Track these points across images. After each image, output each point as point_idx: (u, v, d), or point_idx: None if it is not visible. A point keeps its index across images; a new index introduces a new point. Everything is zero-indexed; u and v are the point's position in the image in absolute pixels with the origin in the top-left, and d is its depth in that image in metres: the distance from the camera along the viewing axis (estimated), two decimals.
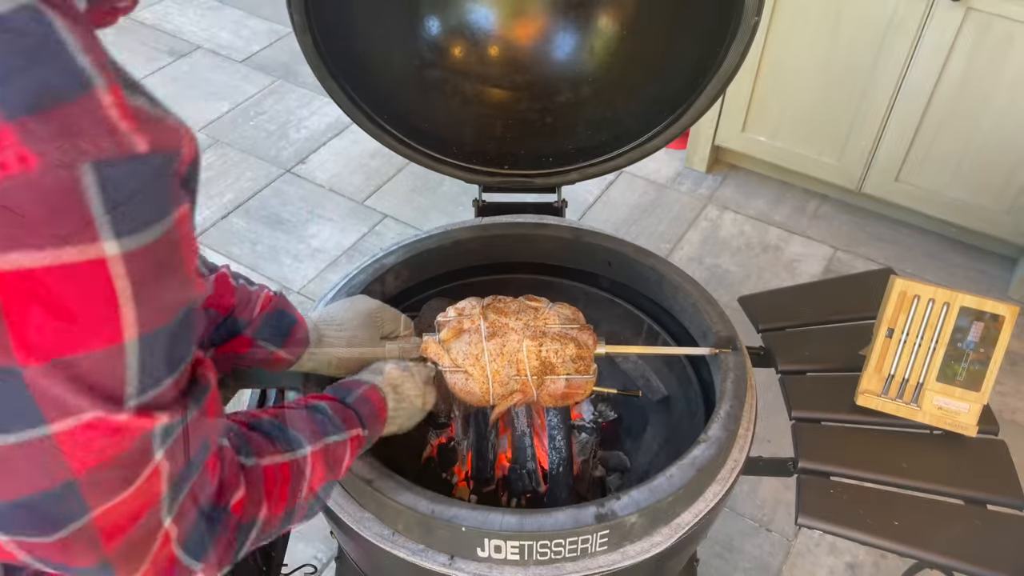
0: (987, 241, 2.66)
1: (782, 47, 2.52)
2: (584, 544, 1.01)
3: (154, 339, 0.52)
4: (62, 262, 0.45)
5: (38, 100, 0.43)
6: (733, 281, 2.60)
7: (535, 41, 1.40)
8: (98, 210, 0.45)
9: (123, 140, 0.45)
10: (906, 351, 1.25)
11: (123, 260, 0.47)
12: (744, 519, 2.02)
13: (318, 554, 1.95)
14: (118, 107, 0.45)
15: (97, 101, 0.45)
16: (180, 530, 0.61)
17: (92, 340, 0.48)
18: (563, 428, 1.41)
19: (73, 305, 0.47)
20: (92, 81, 0.45)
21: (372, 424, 0.95)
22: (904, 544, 1.16)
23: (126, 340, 0.50)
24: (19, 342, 0.46)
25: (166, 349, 0.54)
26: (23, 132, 0.42)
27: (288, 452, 0.78)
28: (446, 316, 1.16)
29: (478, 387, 1.13)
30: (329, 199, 2.87)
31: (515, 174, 1.45)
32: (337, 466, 0.87)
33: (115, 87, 0.46)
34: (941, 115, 2.40)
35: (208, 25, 3.70)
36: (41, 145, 0.42)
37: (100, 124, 0.44)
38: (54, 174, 0.43)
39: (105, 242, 0.46)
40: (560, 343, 1.13)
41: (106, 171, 0.45)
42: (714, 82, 1.27)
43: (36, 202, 0.43)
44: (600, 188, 2.93)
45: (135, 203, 0.47)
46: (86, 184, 0.44)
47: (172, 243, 0.51)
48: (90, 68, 0.45)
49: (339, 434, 0.88)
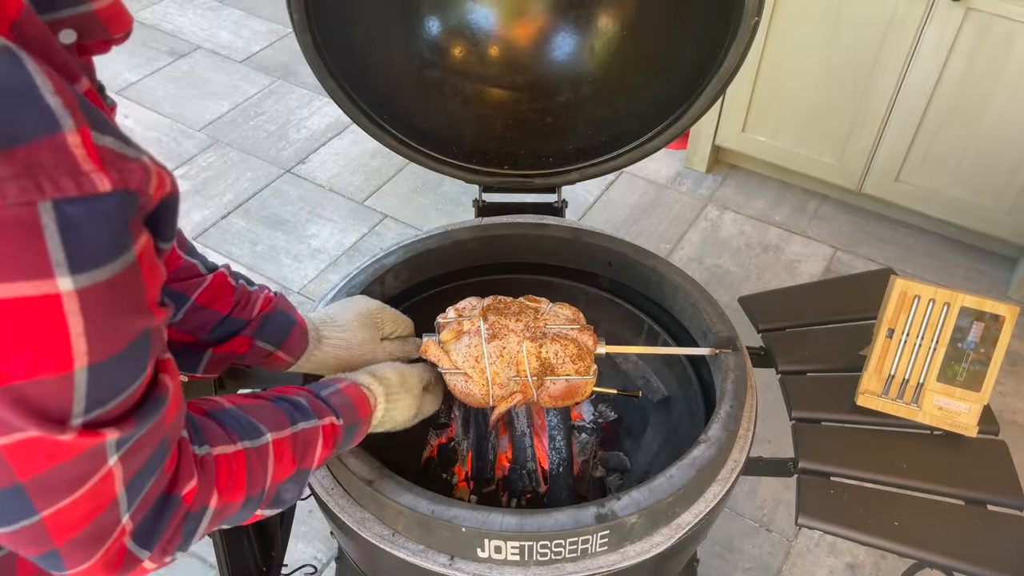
0: (987, 241, 2.66)
1: (782, 47, 2.52)
2: (584, 544, 1.01)
3: (104, 367, 0.53)
4: (16, 296, 0.46)
5: (3, 139, 0.44)
6: (733, 281, 2.60)
7: (535, 41, 1.40)
8: (55, 248, 0.46)
9: (85, 180, 0.46)
10: (906, 351, 1.25)
11: (77, 296, 0.48)
12: (744, 519, 2.02)
13: (318, 554, 1.95)
14: (84, 147, 0.47)
15: (63, 141, 0.46)
16: (135, 524, 0.64)
17: (40, 369, 0.49)
18: (563, 428, 1.41)
19: (24, 337, 0.48)
20: (60, 121, 0.46)
21: (349, 416, 0.93)
22: (904, 544, 1.16)
23: (75, 369, 0.51)
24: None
25: (116, 374, 0.55)
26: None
27: (245, 440, 0.78)
28: (446, 317, 1.16)
29: (478, 389, 1.13)
30: (329, 199, 2.88)
31: (515, 174, 1.45)
32: (309, 454, 0.85)
33: (83, 128, 0.47)
34: (941, 115, 2.40)
35: (208, 25, 3.70)
36: (3, 183, 0.43)
37: (63, 164, 0.45)
38: (13, 211, 0.44)
39: (60, 279, 0.47)
40: (560, 344, 1.13)
41: (65, 209, 0.46)
42: (714, 82, 1.27)
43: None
44: (600, 188, 2.93)
45: (93, 241, 0.48)
46: (44, 222, 0.45)
47: (130, 277, 0.52)
48: (59, 108, 0.46)
49: (308, 421, 0.86)
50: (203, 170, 2.98)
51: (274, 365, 1.08)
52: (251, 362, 1.07)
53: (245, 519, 0.80)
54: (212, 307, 1.00)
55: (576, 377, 1.14)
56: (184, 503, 0.68)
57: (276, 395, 0.89)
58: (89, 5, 0.56)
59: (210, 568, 1.90)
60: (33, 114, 0.45)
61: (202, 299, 0.99)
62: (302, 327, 1.08)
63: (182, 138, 3.10)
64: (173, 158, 3.02)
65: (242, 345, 1.03)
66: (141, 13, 3.75)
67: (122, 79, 3.36)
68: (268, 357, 1.06)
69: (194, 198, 2.86)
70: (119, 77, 3.36)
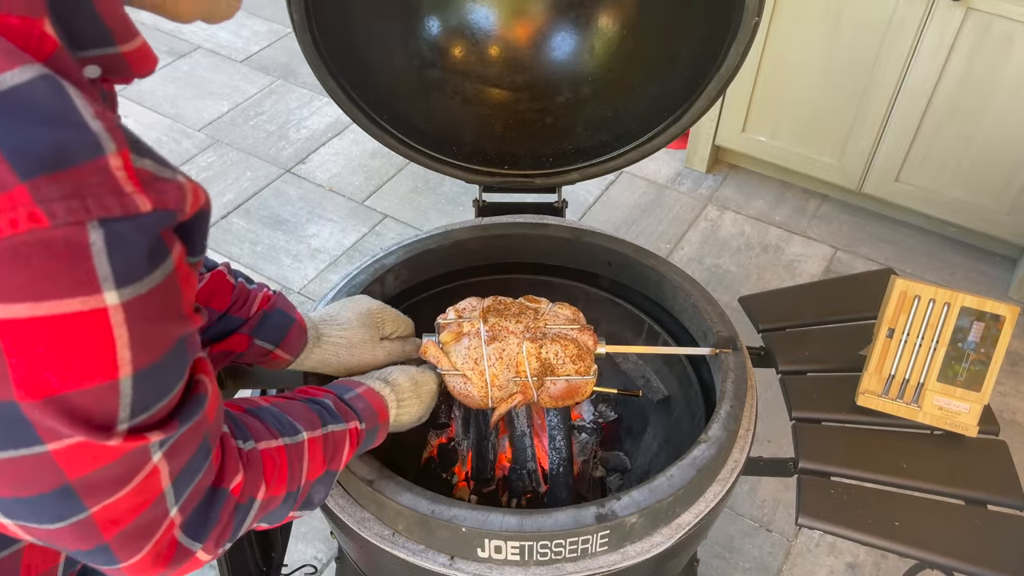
0: (987, 241, 2.66)
1: (782, 47, 2.52)
2: (584, 544, 1.01)
3: (147, 373, 0.55)
4: (65, 312, 0.48)
5: (52, 162, 0.46)
6: (733, 281, 2.60)
7: (535, 41, 1.40)
8: (101, 265, 0.48)
9: (128, 200, 0.49)
10: (906, 351, 1.25)
11: (123, 309, 0.50)
12: (744, 519, 2.02)
13: (318, 554, 1.95)
14: (125, 170, 0.49)
15: (105, 164, 0.48)
16: (184, 517, 0.65)
17: (87, 380, 0.51)
18: (563, 428, 1.41)
19: (72, 350, 0.50)
20: (103, 145, 0.48)
21: (370, 421, 0.96)
22: (904, 544, 1.16)
23: (120, 377, 0.53)
24: (19, 382, 0.49)
25: (159, 380, 0.57)
26: (35, 192, 0.45)
27: (285, 437, 0.81)
28: (446, 318, 1.16)
29: (476, 391, 1.13)
30: (329, 199, 2.87)
31: (515, 174, 1.45)
32: (337, 456, 0.88)
33: (124, 151, 0.49)
34: (941, 115, 2.40)
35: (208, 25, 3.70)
36: (51, 204, 0.46)
37: (107, 185, 0.48)
38: (63, 231, 0.46)
39: (107, 293, 0.49)
40: (560, 344, 1.13)
41: (111, 228, 0.48)
42: (714, 82, 1.27)
43: (44, 256, 0.46)
44: (600, 188, 2.93)
45: (136, 256, 0.50)
46: (92, 240, 0.47)
47: (168, 287, 0.54)
48: (101, 132, 0.48)
49: (337, 424, 0.89)
50: (203, 170, 2.98)
51: (273, 363, 1.08)
52: (250, 360, 1.07)
53: (281, 519, 0.83)
54: (210, 305, 1.00)
55: (576, 377, 1.14)
56: (233, 496, 0.71)
57: (304, 396, 0.92)
58: (118, 48, 0.58)
59: (210, 568, 1.90)
60: (77, 138, 0.47)
61: (200, 297, 1.00)
62: (301, 326, 1.08)
63: (182, 138, 3.10)
64: (173, 158, 3.02)
65: (240, 343, 1.04)
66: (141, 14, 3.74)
67: None
68: (267, 355, 1.06)
69: None
70: None
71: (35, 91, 0.47)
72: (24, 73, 0.47)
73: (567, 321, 1.17)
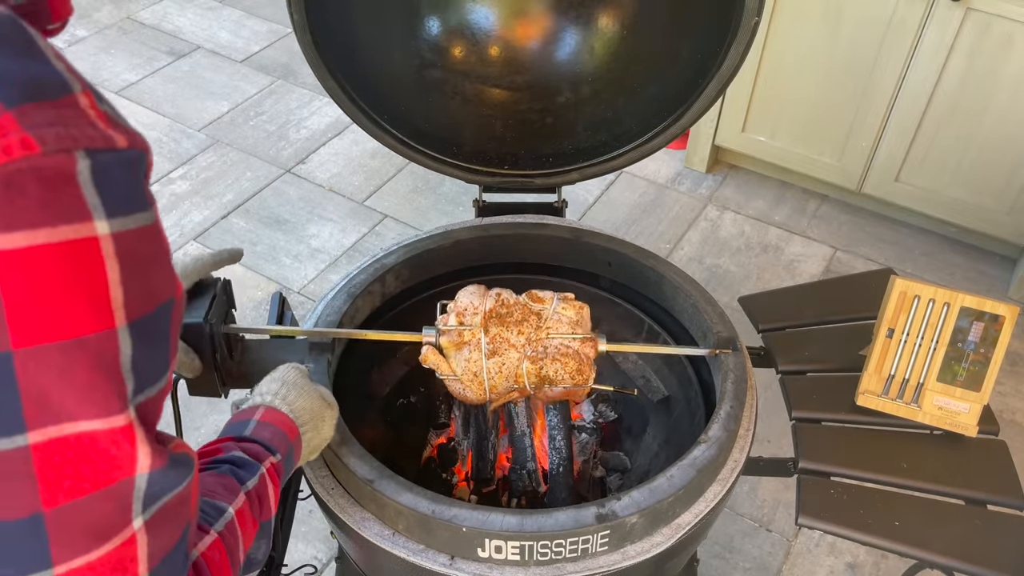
0: (987, 241, 2.66)
1: (782, 47, 2.52)
2: (585, 544, 1.01)
3: (144, 326, 0.52)
4: (58, 240, 0.47)
5: (33, 92, 0.46)
6: (733, 281, 2.60)
7: (535, 41, 1.40)
8: (90, 193, 0.48)
9: (106, 134, 0.49)
10: (906, 351, 1.25)
11: (112, 240, 0.49)
12: (744, 519, 2.02)
13: (318, 554, 1.95)
14: (93, 109, 0.49)
15: (75, 100, 0.48)
16: None
17: (85, 322, 0.49)
18: (563, 428, 1.41)
19: (67, 285, 0.48)
20: (69, 84, 0.48)
21: (283, 445, 0.88)
22: (904, 544, 1.17)
23: (117, 325, 0.50)
24: (14, 323, 0.47)
25: (152, 343, 0.54)
26: (22, 118, 0.45)
27: (216, 524, 0.73)
28: (446, 323, 1.16)
29: (474, 396, 1.15)
30: (329, 199, 2.87)
31: (515, 174, 1.45)
32: (265, 507, 0.80)
33: (87, 91, 0.49)
34: (941, 115, 2.40)
35: (208, 25, 3.70)
36: (41, 130, 0.45)
37: (83, 119, 0.48)
38: (53, 159, 0.46)
39: (97, 222, 0.48)
40: (560, 363, 1.14)
41: (97, 158, 0.48)
42: (714, 82, 1.27)
43: (37, 183, 0.45)
44: (600, 188, 2.93)
45: (122, 190, 0.50)
46: (80, 168, 0.47)
47: (156, 233, 0.53)
48: (65, 72, 0.48)
49: (253, 474, 0.80)
50: (203, 170, 2.98)
51: None
52: None
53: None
54: None
55: (573, 386, 1.16)
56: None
57: (208, 463, 0.81)
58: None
59: None
60: (48, 74, 0.47)
61: None
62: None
63: (182, 138, 3.10)
64: (173, 158, 3.02)
65: None
66: (141, 13, 3.75)
67: (122, 79, 3.36)
68: None
69: (194, 198, 2.86)
70: (119, 77, 3.36)
71: (3, 26, 0.47)
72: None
73: (570, 324, 1.17)
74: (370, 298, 1.33)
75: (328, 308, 1.26)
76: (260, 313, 2.46)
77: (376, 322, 1.38)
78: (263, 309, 2.48)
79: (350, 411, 1.15)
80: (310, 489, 1.14)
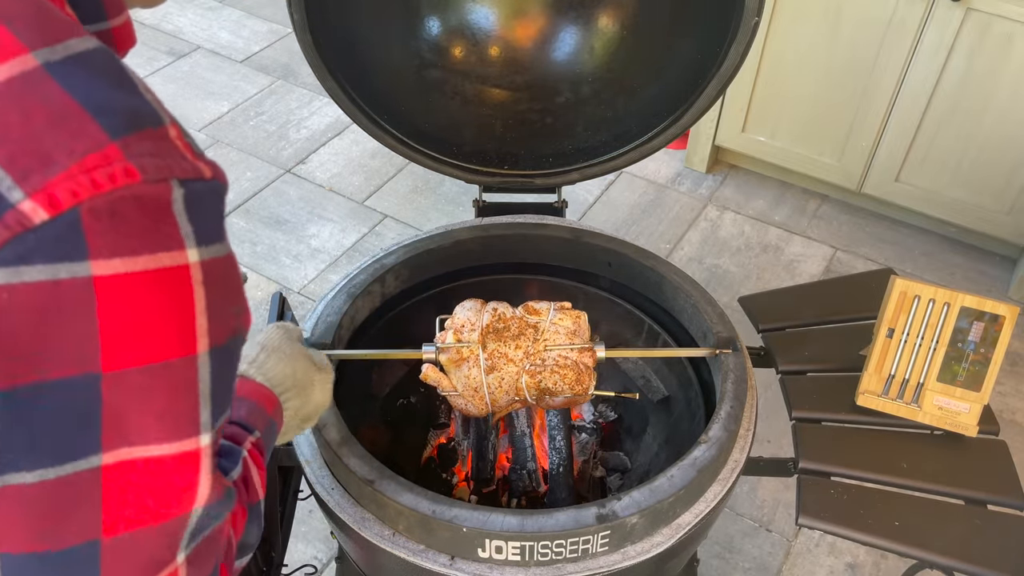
0: (987, 241, 2.66)
1: (782, 47, 2.52)
2: (585, 545, 1.01)
3: (221, 355, 0.53)
4: (155, 267, 0.48)
5: (132, 124, 0.48)
6: (733, 281, 2.60)
7: (535, 41, 1.40)
8: (184, 221, 0.49)
9: (195, 166, 0.50)
10: (906, 351, 1.25)
11: (201, 268, 0.50)
12: (744, 519, 2.02)
13: (318, 554, 1.95)
14: (180, 140, 0.51)
15: (167, 132, 0.50)
16: None
17: (172, 347, 0.50)
18: (563, 428, 1.41)
19: (159, 311, 0.49)
20: (160, 115, 0.50)
21: (259, 420, 0.84)
22: (904, 544, 1.16)
23: (199, 351, 0.51)
24: (107, 346, 0.48)
25: (229, 369, 0.55)
26: (126, 149, 0.46)
27: None
28: (444, 341, 1.16)
29: (476, 410, 1.16)
30: (329, 199, 2.87)
31: (515, 174, 1.45)
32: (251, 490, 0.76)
33: (174, 124, 0.51)
34: (941, 115, 2.40)
35: (208, 25, 3.70)
36: (142, 159, 0.47)
37: (175, 150, 0.49)
38: (153, 187, 0.47)
39: (189, 250, 0.49)
40: (559, 375, 1.14)
41: (190, 187, 0.49)
42: (714, 82, 1.27)
43: (138, 211, 0.47)
44: (600, 188, 2.93)
45: (210, 220, 0.51)
46: (175, 197, 0.48)
47: (234, 264, 0.55)
48: (155, 103, 0.50)
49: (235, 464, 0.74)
50: None
51: None
52: None
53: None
54: None
55: (573, 396, 1.16)
56: None
57: None
58: (108, 23, 0.59)
59: None
60: (142, 105, 0.49)
61: None
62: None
63: None
64: None
65: None
66: (141, 13, 3.74)
67: None
68: None
69: None
70: None
71: (100, 59, 0.49)
72: (88, 42, 0.49)
73: (567, 334, 1.17)
74: (370, 298, 1.33)
75: (328, 308, 1.26)
76: (260, 313, 2.46)
77: (376, 323, 1.38)
78: (263, 309, 2.48)
79: (350, 411, 1.15)
80: (310, 489, 1.14)
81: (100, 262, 0.46)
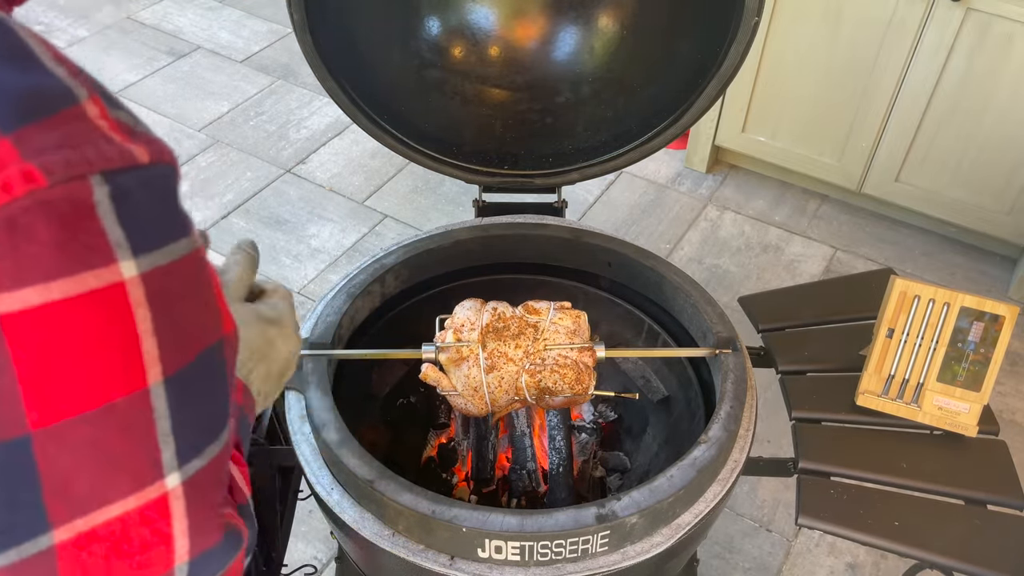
0: (987, 241, 2.66)
1: (782, 47, 2.52)
2: (585, 545, 1.01)
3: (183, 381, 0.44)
4: (79, 291, 0.38)
5: (30, 110, 0.37)
6: (733, 281, 2.60)
7: (535, 41, 1.40)
8: (112, 226, 0.39)
9: (124, 150, 0.40)
10: (906, 351, 1.25)
11: (142, 283, 0.40)
12: (744, 519, 2.02)
13: (318, 554, 1.95)
14: (105, 119, 0.40)
15: (83, 111, 0.39)
16: None
17: (114, 385, 0.41)
18: (563, 428, 1.41)
19: (91, 346, 0.40)
20: (74, 91, 0.39)
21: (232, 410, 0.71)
22: (904, 544, 1.16)
23: (151, 383, 0.42)
24: (31, 399, 0.39)
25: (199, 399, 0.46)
26: (23, 145, 0.36)
27: None
28: (444, 341, 1.16)
29: (476, 410, 1.16)
30: (329, 199, 2.87)
31: (515, 174, 1.45)
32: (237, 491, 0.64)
33: (95, 97, 0.40)
34: (941, 115, 2.40)
35: (208, 25, 3.70)
36: (45, 158, 0.37)
37: (95, 133, 0.39)
38: (64, 188, 0.37)
39: (122, 263, 0.39)
40: (559, 374, 1.14)
41: (117, 181, 0.39)
42: (714, 82, 1.27)
43: (48, 223, 0.37)
44: (600, 188, 2.93)
45: (149, 218, 0.41)
46: (98, 197, 0.38)
47: (195, 265, 0.44)
48: (67, 78, 0.39)
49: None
50: (203, 170, 2.97)
51: None
52: None
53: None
54: None
55: (573, 395, 1.16)
56: None
57: None
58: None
59: None
60: (46, 83, 0.39)
61: None
62: None
63: (182, 138, 3.10)
64: None
65: None
66: (141, 13, 3.75)
67: (122, 79, 3.35)
68: None
69: (194, 198, 2.86)
70: (119, 77, 3.36)
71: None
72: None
73: (567, 334, 1.17)
74: (370, 298, 1.33)
75: (328, 308, 1.26)
76: None
77: (376, 323, 1.38)
78: None
79: (350, 411, 1.15)
80: (310, 489, 1.14)
81: (2, 296, 0.36)
